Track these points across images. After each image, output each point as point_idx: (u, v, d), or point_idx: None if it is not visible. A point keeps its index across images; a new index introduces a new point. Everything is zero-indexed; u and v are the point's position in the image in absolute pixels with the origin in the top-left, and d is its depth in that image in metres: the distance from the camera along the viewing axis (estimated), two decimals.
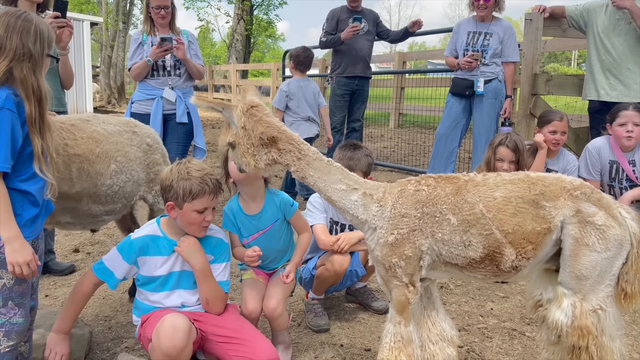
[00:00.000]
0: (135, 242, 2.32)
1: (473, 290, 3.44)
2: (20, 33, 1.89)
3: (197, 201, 2.23)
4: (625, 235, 1.85)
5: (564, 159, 3.90)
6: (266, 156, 1.99)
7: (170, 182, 2.25)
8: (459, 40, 5.03)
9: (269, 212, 2.60)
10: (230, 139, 2.04)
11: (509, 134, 3.55)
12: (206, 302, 2.35)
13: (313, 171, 2.00)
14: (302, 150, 1.99)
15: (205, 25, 26.52)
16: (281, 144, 1.99)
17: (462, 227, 1.89)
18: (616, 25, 4.61)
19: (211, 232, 2.46)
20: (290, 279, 2.54)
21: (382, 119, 11.89)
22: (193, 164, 2.31)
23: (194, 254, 2.30)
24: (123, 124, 2.87)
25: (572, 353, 1.87)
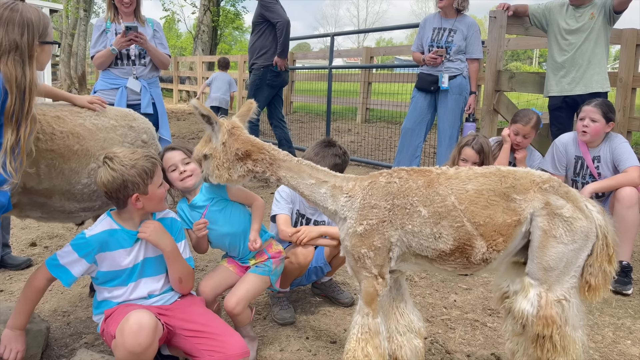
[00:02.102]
0: (93, 239, 2.24)
1: (437, 283, 3.50)
2: (6, 25, 1.84)
3: (156, 177, 2.26)
4: (591, 227, 1.90)
5: (530, 155, 4.01)
6: (242, 168, 2.14)
7: (122, 180, 2.18)
8: (424, 36, 5.08)
9: (200, 197, 2.62)
10: (207, 151, 2.17)
11: (477, 135, 3.62)
12: (179, 281, 2.34)
13: (285, 172, 2.12)
14: (272, 156, 2.13)
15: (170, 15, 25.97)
16: (254, 155, 2.13)
17: (432, 219, 1.92)
18: (576, 23, 4.75)
19: (162, 214, 2.43)
20: (258, 243, 2.55)
21: (349, 114, 11.93)
22: (122, 151, 2.26)
23: (161, 236, 2.29)
24: (120, 117, 2.77)
25: (536, 342, 1.91)
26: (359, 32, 21.15)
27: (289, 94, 13.17)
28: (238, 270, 2.67)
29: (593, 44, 4.70)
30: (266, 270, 2.63)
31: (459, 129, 5.10)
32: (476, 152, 3.47)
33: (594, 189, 3.46)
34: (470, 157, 3.47)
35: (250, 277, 2.60)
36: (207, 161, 2.18)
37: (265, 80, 6.08)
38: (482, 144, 3.49)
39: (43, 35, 1.96)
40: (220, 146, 2.12)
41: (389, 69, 11.14)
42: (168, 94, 18.87)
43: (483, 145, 3.48)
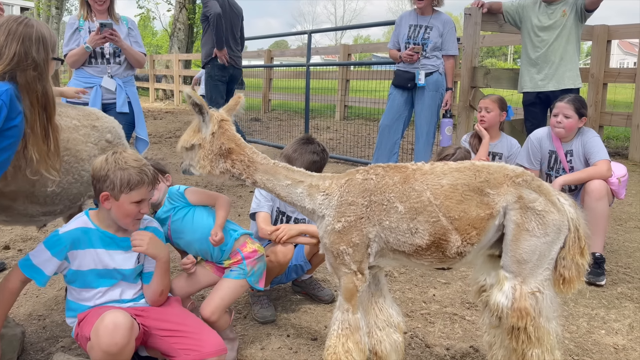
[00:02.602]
0: (65, 236, 2.20)
1: (416, 278, 3.53)
2: (22, 39, 1.90)
3: (135, 192, 2.17)
4: (563, 220, 1.94)
5: (507, 142, 4.10)
6: (222, 166, 2.15)
7: (105, 172, 2.17)
8: (401, 33, 5.11)
9: (165, 207, 2.58)
10: (196, 141, 2.15)
11: (459, 148, 3.68)
12: (160, 294, 2.30)
13: (261, 175, 2.14)
14: (251, 158, 2.15)
15: (145, 13, 25.58)
16: (235, 155, 2.14)
17: (409, 215, 1.94)
18: (548, 20, 4.84)
19: (146, 221, 2.39)
20: (218, 236, 2.47)
21: (328, 111, 11.95)
22: (129, 154, 2.25)
23: (158, 247, 2.25)
24: (83, 116, 2.70)
25: (512, 334, 1.94)
26: (336, 30, 21.20)
27: (267, 91, 13.13)
28: (215, 269, 2.63)
29: (565, 41, 4.79)
30: (241, 274, 2.54)
31: (436, 125, 5.15)
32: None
33: (564, 182, 3.53)
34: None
35: (225, 284, 2.53)
36: (192, 151, 2.18)
37: (214, 76, 6.18)
38: (464, 158, 3.55)
39: (53, 51, 2.02)
40: (209, 136, 2.13)
41: (367, 66, 11.19)
42: (144, 92, 18.62)
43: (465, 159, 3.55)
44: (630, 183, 5.60)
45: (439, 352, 2.65)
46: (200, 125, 2.15)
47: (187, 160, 2.22)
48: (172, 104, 16.39)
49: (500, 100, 4.10)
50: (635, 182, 5.78)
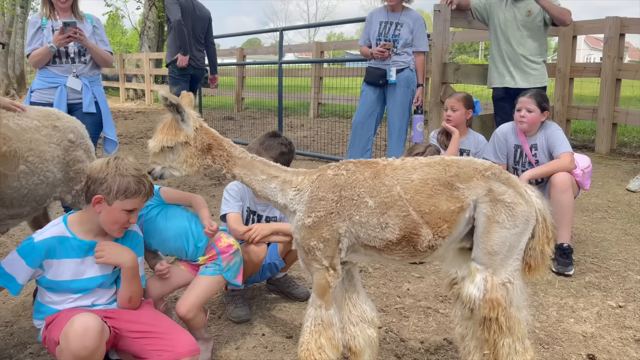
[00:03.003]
0: (40, 245, 2.14)
1: (390, 273, 3.56)
2: None
3: (130, 201, 2.15)
4: (531, 211, 1.98)
5: (474, 138, 4.15)
6: (204, 162, 2.15)
7: (104, 176, 2.14)
8: (371, 29, 5.13)
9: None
10: (182, 139, 2.11)
11: (429, 146, 3.73)
12: (128, 300, 2.26)
13: (239, 169, 2.15)
14: (230, 153, 2.15)
15: (114, 11, 25.09)
16: (214, 150, 2.14)
17: (379, 210, 1.95)
18: (515, 17, 4.93)
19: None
20: (214, 226, 2.50)
21: (302, 109, 11.93)
22: (131, 162, 2.23)
23: (120, 254, 2.21)
24: (43, 117, 2.63)
25: (484, 325, 1.98)
26: (308, 27, 21.15)
27: (240, 90, 13.04)
28: (190, 268, 2.59)
29: (531, 38, 4.89)
30: (217, 269, 2.52)
31: (408, 121, 5.19)
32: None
33: (531, 176, 3.60)
34: None
35: (201, 281, 2.51)
36: (173, 152, 2.14)
37: (174, 76, 6.33)
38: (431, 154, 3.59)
39: None
40: (193, 133, 2.11)
41: (340, 63, 11.20)
42: (114, 92, 18.29)
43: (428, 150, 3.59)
44: (596, 175, 5.76)
45: (414, 345, 2.67)
46: (180, 124, 2.12)
47: (166, 162, 2.16)
48: (143, 103, 16.13)
49: (465, 99, 4.14)
50: (601, 174, 5.93)
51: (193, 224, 2.53)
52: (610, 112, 6.88)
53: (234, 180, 2.25)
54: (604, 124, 6.96)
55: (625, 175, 5.84)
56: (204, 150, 2.13)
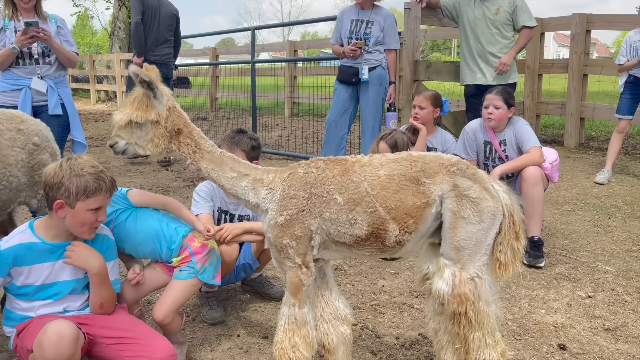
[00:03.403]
0: (7, 253, 2.08)
1: (366, 270, 3.57)
2: None
3: (92, 199, 2.09)
4: (497, 206, 1.99)
5: (442, 137, 4.18)
6: (169, 145, 2.09)
7: (60, 179, 2.07)
8: (343, 28, 5.14)
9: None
10: (153, 117, 2.03)
11: (395, 130, 3.75)
12: (100, 306, 2.21)
13: (206, 163, 2.10)
14: (198, 144, 2.10)
15: (83, 12, 24.60)
16: (182, 137, 2.09)
17: (348, 206, 1.95)
18: (484, 15, 5.01)
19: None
20: (212, 230, 2.50)
21: (276, 108, 11.89)
22: (85, 160, 2.15)
23: (88, 258, 2.15)
24: (6, 120, 2.56)
25: (454, 319, 1.99)
26: (280, 26, 21.11)
27: (213, 90, 12.93)
28: (165, 269, 2.55)
29: (500, 35, 4.97)
30: (191, 272, 2.47)
31: (381, 119, 5.22)
32: (390, 147, 3.59)
33: (502, 171, 3.66)
34: (383, 151, 3.57)
35: (175, 285, 2.46)
36: (140, 129, 2.05)
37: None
38: (396, 139, 3.64)
39: None
40: (165, 113, 2.04)
41: (315, 62, 11.19)
42: (85, 94, 17.94)
43: (397, 141, 3.63)
44: (565, 169, 5.89)
45: (389, 341, 2.69)
46: (152, 101, 2.03)
47: (132, 138, 2.07)
48: (114, 105, 15.85)
49: (433, 97, 4.15)
50: (570, 168, 6.07)
51: (164, 225, 2.49)
52: (578, 107, 7.05)
53: (199, 174, 2.18)
54: (572, 119, 7.12)
55: (593, 168, 5.98)
56: (172, 133, 2.07)
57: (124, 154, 2.14)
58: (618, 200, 4.89)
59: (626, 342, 2.64)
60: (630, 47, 5.27)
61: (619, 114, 5.49)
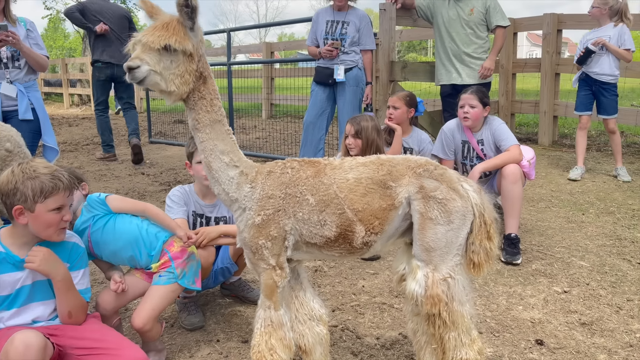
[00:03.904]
0: None
1: (346, 271, 3.57)
2: None
3: (51, 199, 2.04)
4: (467, 206, 1.99)
5: (417, 136, 4.21)
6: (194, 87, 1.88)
7: (14, 185, 2.02)
8: (318, 29, 5.14)
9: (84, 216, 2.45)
10: (190, 47, 1.80)
11: (358, 115, 3.78)
12: (68, 316, 2.16)
13: (210, 130, 1.95)
14: (214, 105, 1.94)
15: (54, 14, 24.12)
16: (204, 88, 1.91)
17: (318, 207, 1.96)
18: (458, 15, 5.06)
19: (66, 236, 2.25)
20: (193, 238, 2.47)
21: (254, 110, 11.83)
22: (37, 162, 2.10)
23: (52, 265, 2.09)
24: None
25: (428, 320, 2.00)
26: (256, 27, 21.01)
27: None
28: (145, 276, 2.51)
29: (475, 35, 5.03)
30: (171, 278, 2.44)
31: None
32: (352, 125, 3.58)
33: (483, 169, 3.70)
34: (348, 130, 3.61)
35: (154, 292, 2.43)
36: (172, 59, 1.80)
37: (94, 76, 6.98)
38: (360, 119, 3.62)
39: None
40: (200, 44, 1.83)
41: (292, 63, 11.17)
42: (58, 98, 17.59)
43: (361, 120, 3.60)
44: (539, 166, 5.99)
45: (370, 342, 2.69)
46: (188, 32, 1.80)
47: (158, 66, 1.78)
48: (88, 109, 15.58)
49: (406, 97, 4.16)
50: (545, 165, 6.17)
51: (144, 231, 2.46)
52: (551, 106, 7.17)
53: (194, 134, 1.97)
54: (545, 117, 7.24)
55: (567, 165, 6.09)
56: (197, 78, 1.87)
57: (142, 83, 1.81)
58: (591, 197, 4.99)
59: (602, 335, 2.69)
60: (582, 45, 5.42)
61: (578, 110, 5.60)
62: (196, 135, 1.97)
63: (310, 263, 3.63)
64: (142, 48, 1.78)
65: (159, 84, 1.82)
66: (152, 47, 1.76)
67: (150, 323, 2.39)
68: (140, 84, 1.82)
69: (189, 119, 1.96)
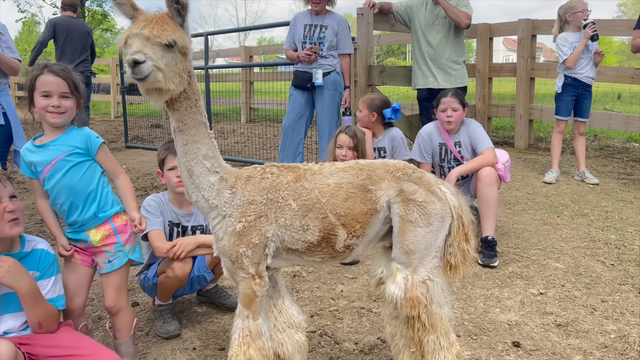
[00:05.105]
0: None
1: (324, 276, 3.55)
2: None
3: None
4: (445, 209, 2.01)
5: (389, 136, 4.13)
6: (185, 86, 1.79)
7: None
8: (296, 33, 5.13)
9: (63, 140, 2.31)
10: (180, 40, 1.69)
11: (350, 125, 3.74)
12: (39, 326, 2.10)
13: (195, 132, 1.86)
14: (198, 106, 1.86)
15: (29, 17, 23.67)
16: (189, 89, 1.81)
17: (301, 212, 1.94)
18: (434, 20, 5.10)
19: (33, 243, 2.19)
20: (144, 224, 2.39)
21: (233, 114, 11.76)
22: None
23: (17, 277, 2.01)
24: None
25: (408, 323, 2.00)
26: (234, 31, 20.95)
27: None
28: (82, 260, 2.40)
29: (451, 40, 5.08)
30: (122, 258, 2.39)
31: (337, 123, 5.23)
32: (350, 137, 3.55)
33: (459, 172, 3.73)
34: (344, 141, 3.55)
35: (111, 278, 2.38)
36: (172, 55, 1.70)
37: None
38: (355, 130, 3.63)
39: None
40: (189, 43, 1.73)
41: (272, 67, 11.15)
42: None
43: (356, 131, 3.60)
44: (515, 169, 6.06)
45: (348, 347, 2.67)
46: (178, 25, 1.72)
47: (160, 62, 1.66)
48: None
49: (367, 101, 4.10)
50: (521, 168, 6.25)
51: (104, 192, 2.38)
52: (527, 109, 7.28)
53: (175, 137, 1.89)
54: (521, 121, 7.34)
55: (542, 168, 6.18)
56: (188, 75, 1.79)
57: (145, 79, 1.67)
58: (566, 199, 5.07)
59: (577, 337, 2.72)
60: (571, 46, 5.45)
61: (560, 115, 5.62)
62: (179, 138, 1.88)
63: (288, 268, 3.60)
64: (143, 42, 1.64)
65: (159, 82, 1.70)
66: (157, 41, 1.64)
67: (121, 300, 2.42)
68: (142, 80, 1.67)
69: (172, 120, 1.86)
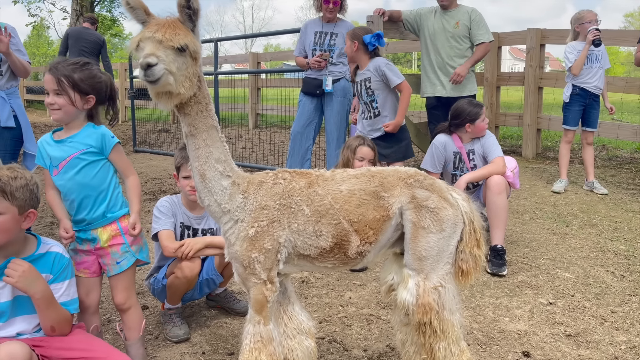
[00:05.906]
0: None
1: (333, 282, 3.55)
2: None
3: None
4: (457, 214, 2.02)
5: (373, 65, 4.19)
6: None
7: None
8: (307, 40, 5.16)
9: (79, 138, 2.32)
10: (191, 44, 1.70)
11: (363, 137, 3.78)
12: (51, 330, 2.10)
13: (206, 135, 1.87)
14: (209, 110, 1.87)
15: (39, 22, 23.88)
16: (199, 93, 1.82)
17: (314, 218, 1.95)
18: (444, 28, 5.12)
19: (48, 245, 2.19)
20: (137, 229, 2.36)
21: (240, 120, 11.81)
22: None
23: (31, 282, 2.02)
24: None
25: (419, 330, 2.00)
26: (243, 37, 21.07)
27: None
28: (90, 272, 2.41)
29: (460, 48, 5.09)
30: (130, 258, 2.40)
31: (346, 130, 5.24)
32: (371, 149, 3.62)
33: (468, 179, 3.73)
34: (367, 154, 3.60)
35: (120, 278, 2.40)
36: (184, 59, 1.71)
37: None
38: (369, 142, 3.68)
39: None
40: (200, 48, 1.74)
41: (278, 74, 11.21)
42: (40, 106, 17.35)
43: (378, 149, 3.70)
44: (523, 178, 6.05)
45: (357, 354, 2.67)
46: (188, 29, 1.73)
47: (172, 65, 1.67)
48: None
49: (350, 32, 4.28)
50: (529, 177, 6.24)
51: (116, 192, 2.40)
52: (535, 119, 7.28)
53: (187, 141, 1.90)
54: (529, 130, 7.33)
55: (550, 177, 6.17)
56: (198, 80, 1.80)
57: (157, 82, 1.68)
58: (574, 209, 5.05)
59: (587, 347, 2.71)
60: (578, 54, 5.43)
61: (568, 125, 5.60)
62: (191, 143, 1.88)
63: (297, 274, 3.60)
64: (155, 45, 1.65)
65: (170, 85, 1.70)
66: (169, 45, 1.65)
67: (130, 298, 2.45)
68: (154, 83, 1.67)
69: (184, 125, 1.88)
